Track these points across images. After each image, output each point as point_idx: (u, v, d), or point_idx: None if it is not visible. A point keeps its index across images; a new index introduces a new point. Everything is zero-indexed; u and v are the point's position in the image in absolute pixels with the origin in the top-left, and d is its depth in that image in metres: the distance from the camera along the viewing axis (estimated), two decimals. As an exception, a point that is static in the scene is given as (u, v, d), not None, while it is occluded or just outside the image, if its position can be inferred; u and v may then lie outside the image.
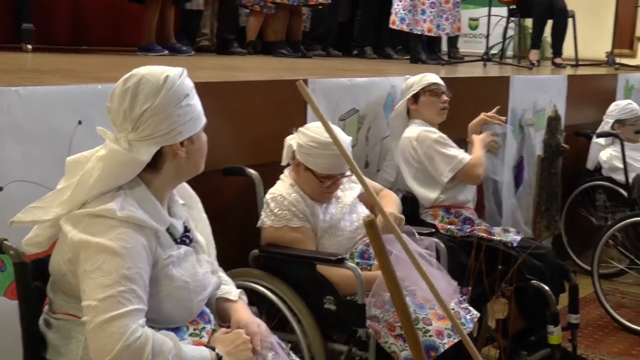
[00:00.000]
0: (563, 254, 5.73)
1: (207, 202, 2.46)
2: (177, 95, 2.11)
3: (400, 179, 4.07)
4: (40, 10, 5.43)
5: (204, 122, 2.22)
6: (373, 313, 3.01)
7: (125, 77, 2.11)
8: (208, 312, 2.31)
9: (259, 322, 2.31)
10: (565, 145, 5.69)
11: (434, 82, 4.08)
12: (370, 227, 1.77)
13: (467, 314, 3.16)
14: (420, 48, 6.92)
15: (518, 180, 5.43)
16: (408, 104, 4.11)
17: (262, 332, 2.25)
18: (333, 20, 7.73)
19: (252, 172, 3.34)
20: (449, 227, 3.91)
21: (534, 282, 3.75)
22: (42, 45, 4.97)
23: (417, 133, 3.97)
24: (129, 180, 2.12)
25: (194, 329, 2.22)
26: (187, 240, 2.26)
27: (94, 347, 1.94)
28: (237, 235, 3.19)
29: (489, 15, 7.57)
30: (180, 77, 2.14)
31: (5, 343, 2.39)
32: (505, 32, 8.67)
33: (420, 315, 2.98)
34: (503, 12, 8.53)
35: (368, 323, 2.97)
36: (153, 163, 2.12)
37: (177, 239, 2.22)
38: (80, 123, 2.71)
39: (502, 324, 3.96)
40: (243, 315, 2.33)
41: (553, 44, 7.90)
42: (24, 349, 2.14)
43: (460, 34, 8.06)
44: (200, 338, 2.20)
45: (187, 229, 2.29)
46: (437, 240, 3.44)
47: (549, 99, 5.68)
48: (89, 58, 5.10)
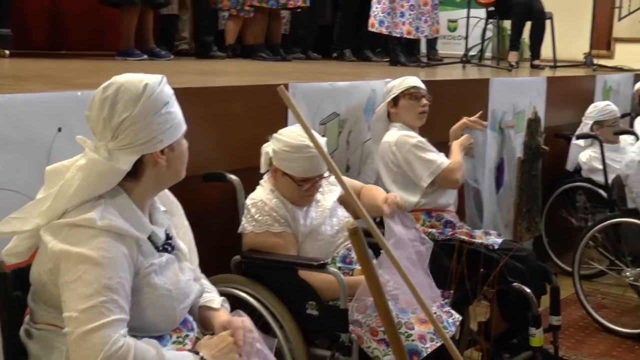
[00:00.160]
0: (544, 255, 5.76)
1: (187, 207, 2.45)
2: (156, 104, 2.09)
3: (381, 183, 4.07)
4: (17, 15, 5.39)
5: (184, 129, 2.21)
6: (355, 318, 3.01)
7: (104, 85, 2.10)
8: (191, 319, 2.30)
9: (243, 318, 2.30)
10: (545, 147, 5.72)
11: (414, 85, 4.08)
12: (354, 234, 1.77)
13: (449, 318, 3.16)
14: (400, 50, 6.92)
15: (499, 183, 5.45)
16: (388, 107, 4.11)
17: (245, 326, 2.24)
18: (312, 23, 7.73)
19: (232, 177, 3.33)
20: (431, 230, 3.91)
21: (516, 284, 3.76)
22: (19, 51, 4.93)
23: (396, 138, 3.98)
24: (110, 189, 2.11)
25: (177, 337, 2.20)
26: (169, 248, 2.25)
27: (76, 358, 1.93)
28: (218, 241, 3.18)
29: (468, 17, 7.60)
30: (160, 84, 2.13)
31: (-15, 354, 2.37)
32: (484, 33, 8.70)
33: (403, 320, 2.98)
34: (482, 13, 8.57)
35: (351, 328, 2.97)
36: (133, 171, 2.11)
37: (159, 247, 2.21)
38: (60, 130, 2.69)
39: (484, 327, 3.97)
40: (226, 317, 2.32)
41: (531, 46, 7.95)
42: (5, 360, 2.12)
43: (439, 36, 8.08)
44: (184, 346, 2.19)
45: (169, 237, 2.28)
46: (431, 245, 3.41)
47: (529, 101, 5.70)
48: (68, 63, 5.07)
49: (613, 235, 4.89)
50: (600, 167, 5.53)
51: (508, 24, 8.28)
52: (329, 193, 3.33)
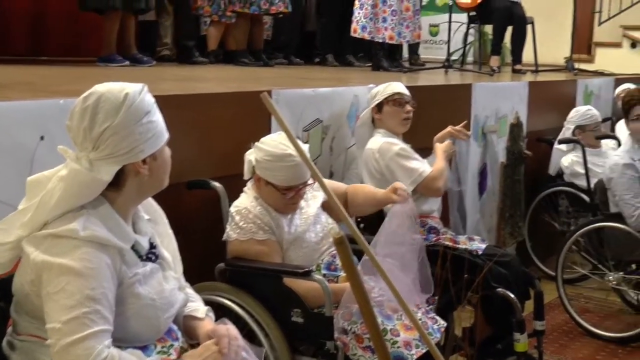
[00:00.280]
0: (527, 260, 5.77)
1: (171, 215, 2.44)
2: (137, 113, 2.08)
3: (364, 189, 4.06)
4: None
5: (167, 137, 2.19)
6: (341, 325, 3.00)
7: (85, 95, 2.08)
8: (176, 329, 2.28)
9: (228, 326, 2.29)
10: (528, 152, 5.73)
11: (398, 91, 4.08)
12: (340, 243, 1.76)
13: (434, 324, 3.16)
14: (382, 55, 6.95)
15: (482, 188, 5.46)
16: (372, 113, 4.11)
17: (230, 334, 2.22)
18: (295, 29, 7.73)
19: (216, 185, 3.31)
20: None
21: (500, 290, 3.76)
22: (-1, 57, 4.91)
23: (379, 145, 3.98)
24: (92, 199, 2.09)
25: (162, 347, 2.19)
26: (153, 257, 2.24)
27: (60, 370, 1.91)
28: (202, 249, 3.17)
29: (450, 22, 7.60)
30: (141, 93, 2.11)
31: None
32: (466, 38, 8.73)
33: (388, 327, 2.98)
34: (463, 18, 8.59)
35: (336, 335, 2.96)
36: (115, 181, 2.09)
37: (142, 256, 2.19)
38: (43, 139, 2.67)
39: (468, 333, 3.97)
40: (211, 326, 2.31)
41: (513, 50, 7.96)
42: (-13, 372, 2.10)
43: (421, 41, 8.09)
44: (169, 355, 2.18)
45: (152, 245, 2.27)
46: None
47: (511, 106, 5.72)
48: (49, 70, 5.05)
49: (596, 240, 4.90)
50: (583, 171, 5.55)
51: (490, 29, 8.30)
52: (313, 199, 3.32)
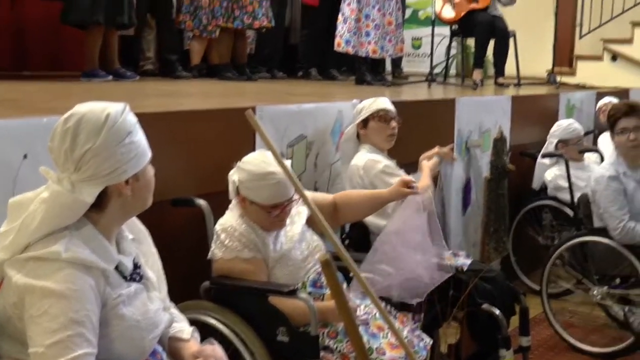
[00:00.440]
0: (511, 274, 5.77)
1: (155, 233, 2.42)
2: (119, 134, 2.06)
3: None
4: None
5: (149, 157, 2.18)
6: (327, 344, 2.99)
7: (66, 116, 2.06)
8: (160, 350, 2.27)
9: (215, 346, 2.28)
10: (512, 166, 5.74)
11: (384, 108, 4.08)
12: (326, 266, 1.75)
13: (420, 342, 3.17)
14: (365, 69, 6.96)
15: (466, 202, 5.46)
16: (358, 129, 4.11)
17: (217, 356, 2.22)
18: (278, 42, 7.73)
19: (201, 202, 3.29)
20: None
21: (485, 306, 3.75)
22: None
23: (364, 161, 3.98)
24: (75, 220, 2.07)
25: (147, 368, 2.17)
26: (137, 277, 2.22)
27: (44, 395, 1.89)
28: (187, 267, 3.14)
29: (432, 36, 7.62)
30: (122, 114, 2.09)
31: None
32: (449, 51, 8.75)
33: (374, 345, 2.97)
34: (446, 31, 8.62)
35: (322, 354, 2.95)
36: (98, 202, 2.08)
37: (126, 277, 2.17)
38: (26, 157, 2.65)
39: (454, 349, 3.96)
40: (196, 347, 2.29)
41: (495, 64, 8.00)
42: (-32, 397, 2.07)
43: (404, 54, 8.12)
44: (153, 377, 2.17)
45: (137, 266, 2.25)
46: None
47: (494, 120, 5.73)
48: (32, 86, 5.01)
49: (580, 254, 4.91)
50: (566, 185, 5.56)
51: (472, 42, 8.34)
52: (298, 216, 3.30)
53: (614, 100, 6.62)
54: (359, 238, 4.04)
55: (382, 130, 4.07)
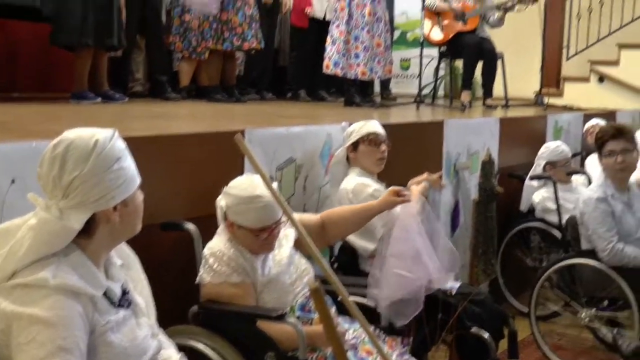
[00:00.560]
0: (499, 296, 5.78)
1: (144, 257, 2.42)
2: (107, 160, 2.06)
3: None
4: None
5: (138, 183, 2.18)
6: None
7: (55, 142, 2.06)
8: (149, 377, 2.25)
9: None
10: (500, 189, 5.75)
11: (374, 131, 4.09)
12: (316, 294, 1.75)
13: (409, 366, 3.16)
14: (354, 91, 6.97)
15: (454, 225, 5.46)
16: (347, 152, 4.12)
17: None
18: (267, 64, 7.75)
19: (190, 226, 3.29)
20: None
21: (474, 329, 3.75)
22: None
23: (353, 185, 3.98)
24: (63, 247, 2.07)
25: (134, 396, 2.16)
26: (125, 304, 2.21)
27: None
28: (175, 291, 3.13)
29: (421, 57, 7.65)
30: (111, 140, 2.09)
31: None
32: (437, 72, 8.79)
33: (363, 370, 2.97)
34: (434, 52, 8.65)
35: (311, 377, 2.94)
36: (86, 229, 2.08)
37: (115, 303, 2.16)
38: (14, 182, 2.64)
39: (443, 373, 3.96)
40: None
41: (483, 85, 8.03)
42: None
43: (392, 75, 8.14)
44: (141, 404, 2.15)
45: (125, 292, 2.24)
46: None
47: (483, 142, 5.75)
48: (21, 108, 5.00)
49: (568, 276, 4.91)
50: (554, 207, 5.58)
51: (461, 63, 8.38)
52: (285, 239, 3.30)
53: (601, 122, 6.66)
54: (348, 262, 4.04)
55: (372, 154, 4.08)
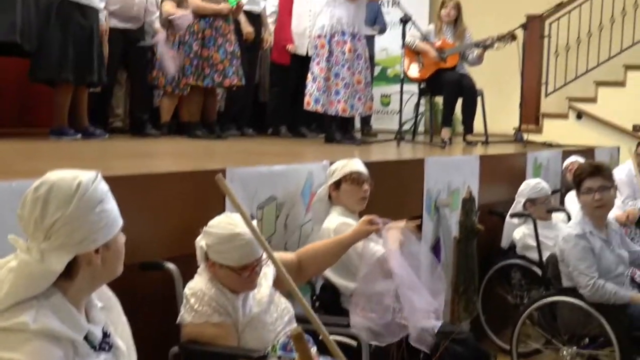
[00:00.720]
0: (481, 333, 5.77)
1: (123, 297, 2.39)
2: (90, 202, 2.05)
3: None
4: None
5: (120, 225, 2.17)
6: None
7: (36, 184, 2.04)
8: (128, 421, 2.23)
9: None
10: (480, 227, 5.76)
11: (356, 170, 4.10)
12: (298, 340, 1.74)
13: (391, 407, 3.14)
14: (335, 128, 6.99)
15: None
16: (330, 190, 4.12)
17: None
18: (247, 100, 7.77)
19: (170, 266, 3.26)
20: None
21: (456, 369, 3.75)
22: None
23: (335, 225, 3.98)
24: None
25: None
26: (106, 347, 2.18)
27: None
28: (155, 332, 3.10)
29: (401, 93, 7.66)
30: (94, 182, 2.08)
31: None
32: (417, 109, 8.84)
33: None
34: (414, 88, 8.71)
35: (292, 419, 2.92)
36: (67, 271, 2.05)
37: (96, 346, 2.14)
38: (-7, 222, 2.61)
39: (425, 412, 3.94)
40: None
41: (464, 121, 8.08)
42: None
43: (373, 111, 8.17)
44: None
45: (106, 334, 2.21)
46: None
47: (463, 180, 5.77)
48: (0, 144, 4.97)
49: (549, 314, 4.92)
50: (534, 244, 5.61)
51: (440, 99, 8.42)
52: (264, 279, 3.28)
53: (580, 160, 6.72)
54: (330, 300, 4.03)
55: (354, 193, 4.09)
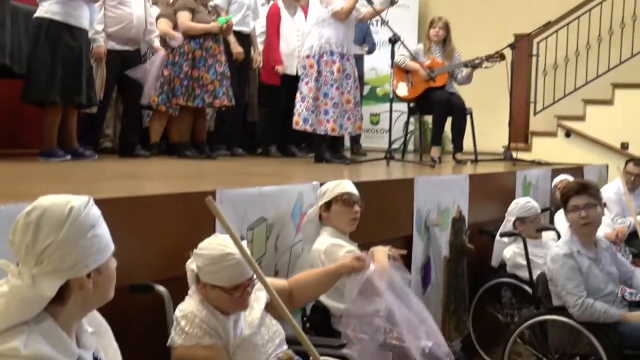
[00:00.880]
0: (472, 352, 5.77)
1: (113, 320, 2.39)
2: (82, 227, 2.05)
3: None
4: None
5: (112, 250, 2.17)
6: None
7: (28, 209, 2.05)
8: None
9: None
10: (470, 246, 5.77)
11: (347, 191, 4.10)
12: (290, 365, 1.75)
13: None
14: (324, 147, 7.00)
15: (425, 282, 5.46)
16: (320, 211, 4.12)
17: None
18: (237, 120, 7.78)
19: (161, 289, 3.25)
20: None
21: (447, 389, 3.75)
22: None
23: (325, 246, 3.98)
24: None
25: None
26: (97, 373, 2.19)
27: None
28: (146, 355, 3.09)
29: (390, 112, 7.65)
30: (86, 207, 2.09)
31: None
32: (407, 127, 8.86)
33: None
34: (403, 107, 8.73)
35: None
36: (58, 296, 2.05)
37: (86, 372, 2.14)
38: (-18, 247, 2.60)
39: None
40: None
41: (453, 140, 8.09)
42: None
43: (362, 130, 8.17)
44: None
45: (97, 359, 2.21)
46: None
47: (453, 199, 5.78)
48: (-11, 167, 4.97)
49: (539, 332, 4.92)
50: (524, 262, 5.62)
51: (430, 117, 8.44)
52: (256, 301, 3.28)
53: (570, 178, 6.74)
54: (320, 321, 4.03)
55: (345, 214, 4.09)
